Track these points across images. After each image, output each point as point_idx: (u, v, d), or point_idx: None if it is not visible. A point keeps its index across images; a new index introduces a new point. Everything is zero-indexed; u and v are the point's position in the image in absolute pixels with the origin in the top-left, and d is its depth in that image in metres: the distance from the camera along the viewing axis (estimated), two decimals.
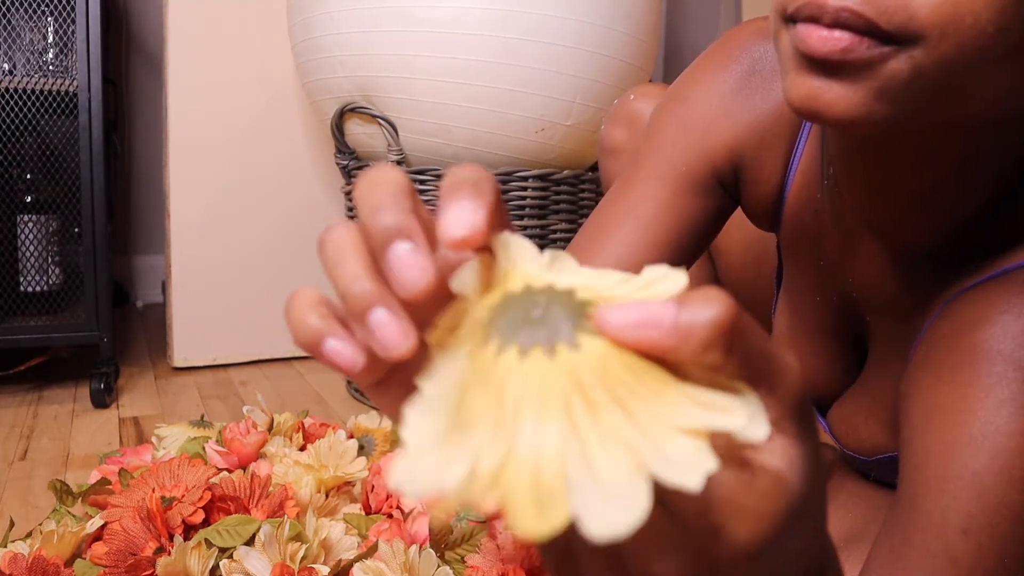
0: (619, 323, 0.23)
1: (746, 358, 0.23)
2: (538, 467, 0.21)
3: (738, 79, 0.62)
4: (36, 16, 1.38)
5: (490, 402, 0.22)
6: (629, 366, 0.23)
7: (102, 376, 1.37)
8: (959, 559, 0.43)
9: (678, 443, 0.21)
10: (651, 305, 0.23)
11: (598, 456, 0.21)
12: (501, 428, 0.22)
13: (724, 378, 0.23)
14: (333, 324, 0.26)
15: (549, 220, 1.40)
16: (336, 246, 0.26)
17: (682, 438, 0.21)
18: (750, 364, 0.23)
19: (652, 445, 0.21)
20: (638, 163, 0.65)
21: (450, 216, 0.24)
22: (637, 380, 0.23)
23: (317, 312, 0.26)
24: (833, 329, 0.65)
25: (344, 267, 0.26)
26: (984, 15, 0.37)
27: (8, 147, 1.38)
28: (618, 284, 0.26)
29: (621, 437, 0.21)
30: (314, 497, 0.92)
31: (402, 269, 0.25)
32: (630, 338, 0.23)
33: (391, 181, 0.26)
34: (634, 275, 0.26)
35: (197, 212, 1.61)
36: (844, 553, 0.67)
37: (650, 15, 1.40)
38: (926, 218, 0.50)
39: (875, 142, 0.48)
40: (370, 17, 1.28)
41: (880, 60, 0.38)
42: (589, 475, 0.21)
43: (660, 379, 0.23)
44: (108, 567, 0.79)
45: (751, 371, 0.24)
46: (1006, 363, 0.44)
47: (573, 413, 0.22)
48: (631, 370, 0.23)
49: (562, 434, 0.21)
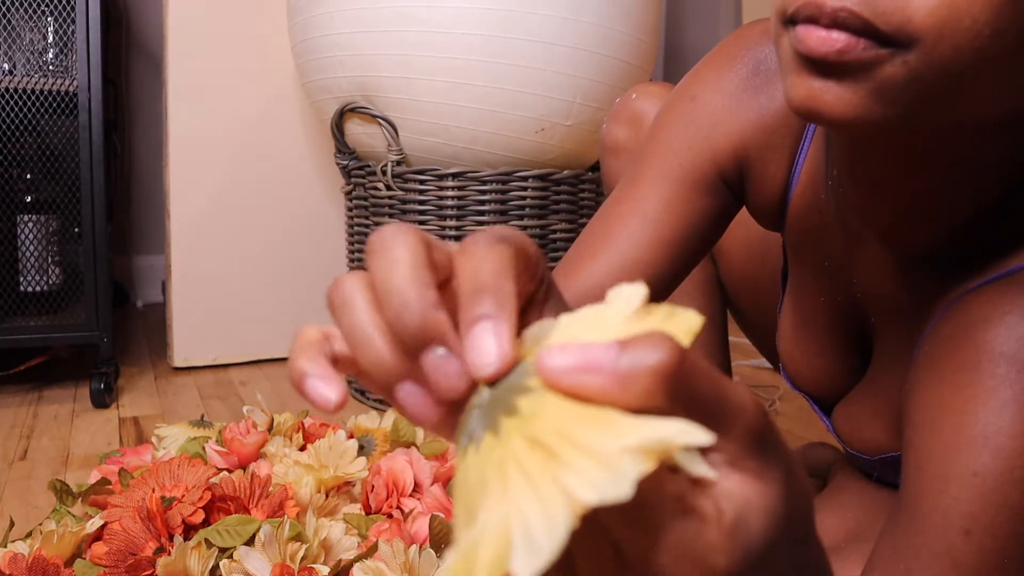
0: (557, 368, 0.22)
1: (693, 403, 0.22)
2: (487, 548, 0.21)
3: (744, 79, 0.62)
4: (36, 16, 1.38)
5: (461, 502, 0.24)
6: (569, 407, 0.22)
7: (102, 376, 1.37)
8: (961, 560, 0.43)
9: (607, 463, 0.21)
10: (592, 349, 0.22)
11: (532, 511, 0.21)
12: (469, 522, 0.23)
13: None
14: (319, 365, 0.27)
15: (549, 220, 1.40)
16: (353, 319, 0.27)
17: (612, 457, 0.21)
18: (698, 408, 0.23)
19: (578, 476, 0.21)
20: (643, 161, 0.65)
21: (476, 347, 0.24)
22: (575, 419, 0.22)
23: (306, 355, 0.28)
24: (838, 329, 0.65)
25: (366, 349, 0.26)
26: (981, 18, 0.37)
27: (8, 147, 1.38)
28: (590, 319, 0.26)
29: (553, 483, 0.21)
30: (314, 497, 0.92)
31: (439, 380, 0.25)
32: (567, 385, 0.22)
33: (408, 256, 0.26)
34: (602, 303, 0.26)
35: (197, 212, 1.61)
36: (846, 553, 0.67)
37: (650, 15, 1.40)
38: (928, 219, 0.50)
39: (875, 143, 0.48)
40: (370, 17, 1.28)
41: (876, 62, 0.38)
42: (525, 531, 0.21)
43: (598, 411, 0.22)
44: (108, 567, 0.79)
45: (700, 415, 0.23)
46: (1009, 364, 0.44)
47: (510, 484, 0.22)
48: (570, 411, 0.22)
49: (500, 508, 0.22)
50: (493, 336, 0.24)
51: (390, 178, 1.36)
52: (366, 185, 1.42)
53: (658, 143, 0.64)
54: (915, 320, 0.54)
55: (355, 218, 1.49)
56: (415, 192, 1.36)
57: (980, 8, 0.36)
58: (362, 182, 1.44)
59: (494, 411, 0.24)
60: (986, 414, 0.44)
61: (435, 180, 1.35)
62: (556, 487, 0.21)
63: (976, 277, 0.49)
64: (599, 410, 0.22)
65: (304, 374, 0.27)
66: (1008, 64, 0.39)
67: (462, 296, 0.26)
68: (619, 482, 0.20)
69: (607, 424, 0.22)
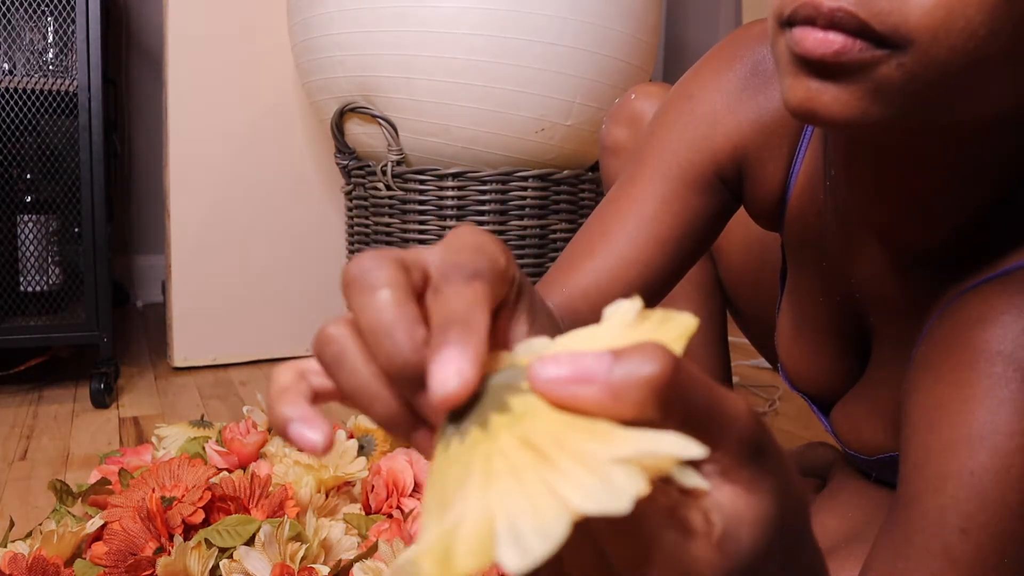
0: (549, 379, 0.22)
1: (687, 414, 0.22)
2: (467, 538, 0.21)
3: (743, 78, 0.62)
4: (36, 16, 1.38)
5: (435, 491, 0.23)
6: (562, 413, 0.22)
7: (102, 376, 1.37)
8: (958, 558, 0.43)
9: (600, 473, 0.21)
10: (584, 358, 0.22)
11: (519, 509, 0.21)
12: (442, 510, 0.22)
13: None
14: (300, 408, 0.27)
15: (549, 220, 1.40)
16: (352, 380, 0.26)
17: (608, 468, 0.21)
18: (691, 419, 0.22)
19: (573, 483, 0.21)
20: (641, 160, 0.65)
21: (438, 373, 0.24)
22: (567, 425, 0.22)
23: (285, 400, 0.27)
24: (837, 329, 0.65)
25: (375, 409, 0.26)
26: (976, 19, 0.37)
27: (8, 147, 1.38)
28: (586, 337, 0.25)
29: (543, 485, 0.21)
30: (314, 497, 0.92)
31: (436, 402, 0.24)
32: (559, 396, 0.22)
33: (392, 294, 0.26)
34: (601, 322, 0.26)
35: (197, 212, 1.61)
36: (844, 553, 0.67)
37: (650, 15, 1.40)
38: (925, 219, 0.50)
39: (873, 144, 0.48)
40: (370, 17, 1.28)
41: (873, 63, 0.38)
42: (511, 528, 0.20)
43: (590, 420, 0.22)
44: (108, 567, 0.79)
45: (693, 426, 0.22)
46: (1006, 364, 0.44)
47: (495, 478, 0.22)
48: (562, 416, 0.22)
49: (482, 500, 0.21)
50: (454, 362, 0.23)
51: (390, 178, 1.36)
52: (366, 185, 1.42)
53: (656, 142, 0.65)
54: (913, 320, 0.54)
55: (355, 218, 1.49)
56: (415, 192, 1.36)
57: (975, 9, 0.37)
58: (362, 182, 1.44)
59: (485, 407, 0.24)
60: (983, 413, 0.44)
61: (435, 180, 1.35)
62: (547, 490, 0.21)
63: (973, 276, 0.49)
64: (591, 419, 0.22)
65: (287, 420, 0.27)
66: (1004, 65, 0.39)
67: (431, 332, 0.25)
68: (616, 496, 0.20)
69: (599, 433, 0.22)
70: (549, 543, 0.20)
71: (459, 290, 0.26)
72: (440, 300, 0.26)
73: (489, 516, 0.21)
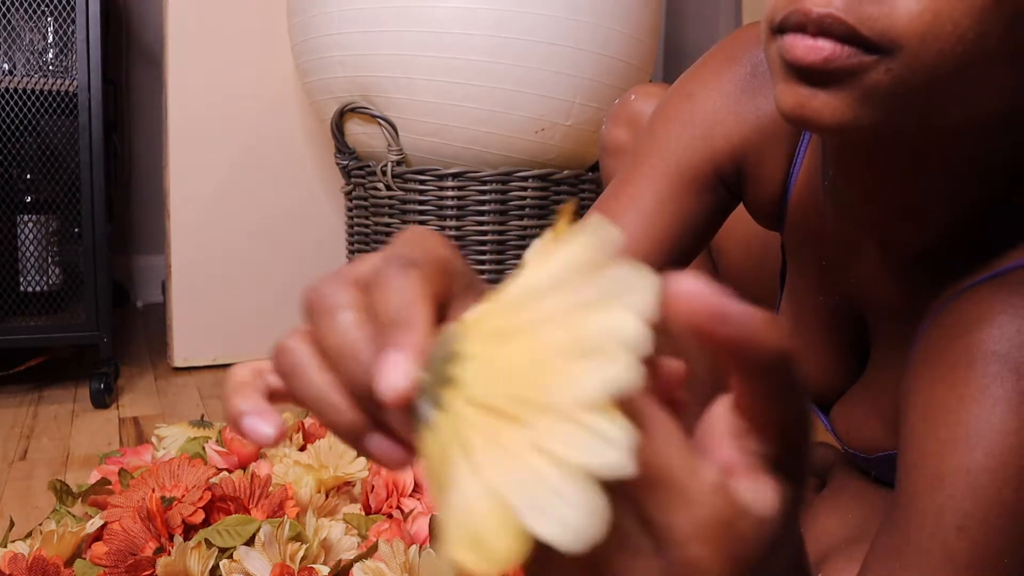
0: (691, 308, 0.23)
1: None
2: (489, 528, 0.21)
3: (743, 80, 0.62)
4: (36, 16, 1.38)
5: (434, 487, 0.24)
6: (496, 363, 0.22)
7: (102, 376, 1.37)
8: (955, 556, 0.44)
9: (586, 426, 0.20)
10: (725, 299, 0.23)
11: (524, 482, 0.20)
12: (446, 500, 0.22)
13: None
14: (253, 402, 0.28)
15: (549, 220, 1.40)
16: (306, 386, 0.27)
17: (589, 419, 0.20)
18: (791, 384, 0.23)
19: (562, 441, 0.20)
20: (640, 159, 0.65)
21: (381, 382, 0.24)
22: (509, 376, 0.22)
23: (240, 395, 0.28)
24: (836, 328, 0.65)
25: (326, 413, 0.27)
26: (963, 23, 0.37)
27: (8, 147, 1.38)
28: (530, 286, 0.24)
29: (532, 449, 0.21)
30: (314, 497, 0.92)
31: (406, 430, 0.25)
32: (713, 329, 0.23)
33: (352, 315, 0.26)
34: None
35: (197, 212, 1.61)
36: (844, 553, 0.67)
37: (650, 15, 1.40)
38: (921, 220, 0.50)
39: (866, 148, 0.48)
40: (370, 17, 1.28)
41: (862, 69, 0.39)
42: (532, 503, 0.20)
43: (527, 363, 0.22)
44: (108, 567, 0.79)
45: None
46: (1002, 363, 0.45)
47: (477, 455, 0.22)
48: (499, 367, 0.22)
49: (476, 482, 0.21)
50: (401, 364, 0.24)
51: (390, 178, 1.36)
52: (366, 185, 1.42)
53: (655, 141, 0.65)
54: (911, 320, 0.54)
55: (355, 218, 1.49)
56: (415, 192, 1.36)
57: (962, 13, 0.37)
58: (362, 182, 1.44)
59: (432, 388, 0.24)
60: (979, 412, 0.44)
61: (435, 180, 1.35)
62: (538, 453, 0.20)
63: (970, 277, 0.50)
64: (527, 361, 0.22)
65: (240, 413, 0.28)
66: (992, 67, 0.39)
67: (379, 323, 0.26)
68: (612, 446, 0.20)
69: (543, 376, 0.21)
70: (589, 509, 0.20)
71: (396, 282, 0.26)
72: (377, 293, 0.26)
73: (495, 497, 0.21)
